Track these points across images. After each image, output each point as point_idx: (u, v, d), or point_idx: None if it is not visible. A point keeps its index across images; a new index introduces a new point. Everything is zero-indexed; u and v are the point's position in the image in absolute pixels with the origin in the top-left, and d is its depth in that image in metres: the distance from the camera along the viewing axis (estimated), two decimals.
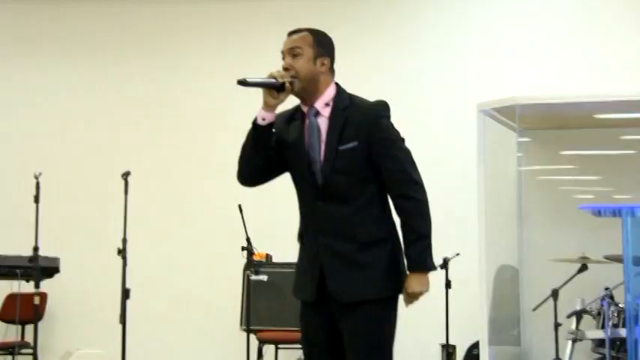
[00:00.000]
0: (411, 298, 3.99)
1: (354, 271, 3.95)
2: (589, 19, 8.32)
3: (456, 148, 8.23)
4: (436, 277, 7.01)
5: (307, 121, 4.02)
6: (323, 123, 4.01)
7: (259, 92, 3.95)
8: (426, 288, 4.01)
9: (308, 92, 4.00)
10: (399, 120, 8.40)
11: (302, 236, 4.13)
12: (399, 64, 8.58)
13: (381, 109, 4.09)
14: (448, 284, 7.20)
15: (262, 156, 4.00)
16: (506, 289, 7.68)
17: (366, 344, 3.95)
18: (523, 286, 7.31)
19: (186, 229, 8.63)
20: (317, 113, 4.01)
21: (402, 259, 4.03)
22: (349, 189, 3.98)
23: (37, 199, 6.90)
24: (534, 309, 6.97)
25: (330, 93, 4.04)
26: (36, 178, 6.89)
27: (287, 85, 3.92)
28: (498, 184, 7.73)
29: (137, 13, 9.10)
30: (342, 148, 3.95)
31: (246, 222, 7.10)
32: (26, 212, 7.03)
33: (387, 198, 4.07)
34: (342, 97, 4.05)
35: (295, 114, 4.08)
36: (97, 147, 8.93)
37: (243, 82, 3.88)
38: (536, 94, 7.52)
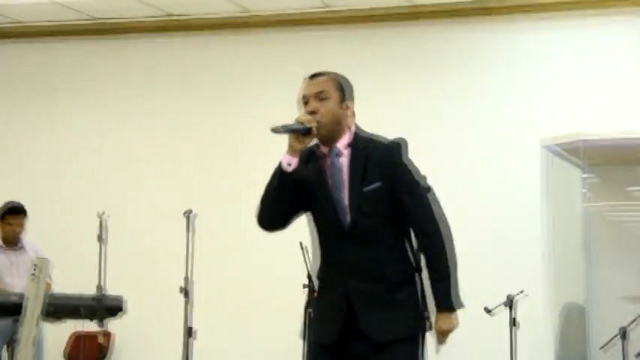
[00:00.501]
0: (441, 337, 3.98)
1: (386, 310, 3.93)
2: None
3: (521, 185, 8.15)
4: (501, 316, 7.01)
5: (329, 161, 3.99)
6: (345, 163, 3.99)
7: None
8: (453, 326, 3.97)
9: (332, 135, 3.97)
10: (463, 157, 8.41)
11: (324, 280, 4.07)
12: (462, 102, 8.54)
13: (399, 148, 4.05)
14: (513, 322, 7.10)
15: (284, 201, 3.96)
16: (573, 327, 7.58)
17: None
18: (591, 325, 7.20)
19: (248, 267, 8.63)
20: (338, 153, 3.99)
21: (426, 294, 4.05)
22: (376, 229, 3.96)
23: (100, 238, 6.95)
24: (602, 347, 6.86)
25: (350, 134, 4.03)
26: (100, 217, 6.95)
27: (313, 129, 3.90)
28: (564, 221, 7.65)
29: (197, 57, 9.19)
30: (366, 189, 3.94)
31: (308, 260, 7.10)
32: (90, 251, 7.08)
33: (410, 234, 4.05)
34: (361, 138, 4.03)
35: (312, 154, 4.03)
36: (160, 186, 8.99)
37: (276, 130, 3.89)
38: (600, 130, 7.44)
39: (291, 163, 3.91)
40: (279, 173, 3.93)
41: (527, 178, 7.95)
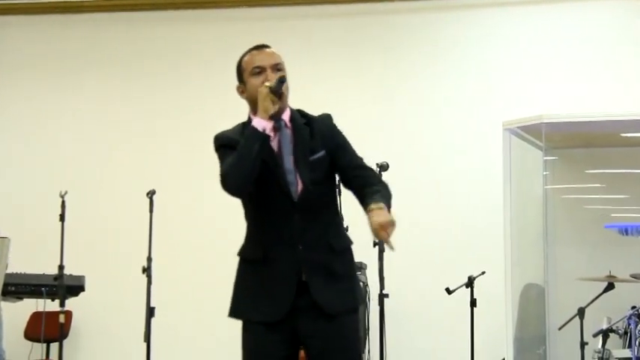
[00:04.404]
0: (381, 231, 3.75)
1: (334, 281, 3.97)
2: (616, 37, 8.29)
3: (482, 166, 8.21)
4: (462, 296, 7.07)
5: (278, 133, 3.99)
6: (289, 135, 4.02)
7: None
8: (390, 218, 3.76)
9: (285, 106, 4.02)
10: (425, 139, 8.43)
11: (265, 255, 4.01)
12: (424, 83, 8.57)
13: (331, 118, 4.14)
14: (473, 303, 7.16)
15: (258, 165, 3.89)
16: (532, 307, 7.64)
17: (349, 355, 4.01)
18: (549, 305, 7.26)
19: (210, 247, 8.62)
20: (285, 125, 4.03)
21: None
22: (321, 199, 4.02)
23: (62, 218, 6.91)
24: (560, 328, 6.93)
25: (288, 108, 4.08)
26: (61, 196, 6.91)
27: (285, 94, 3.96)
28: (524, 203, 7.70)
29: (163, 36, 9.13)
30: (313, 158, 3.98)
31: None
32: (52, 231, 7.04)
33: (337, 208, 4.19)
34: (296, 112, 4.10)
35: (245, 129, 3.99)
36: (122, 166, 8.96)
37: (276, 87, 3.88)
38: (562, 113, 7.49)
39: (266, 127, 3.87)
40: (262, 139, 3.86)
41: (489, 160, 8.00)
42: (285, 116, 4.03)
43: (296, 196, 3.95)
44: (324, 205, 4.04)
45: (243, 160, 3.88)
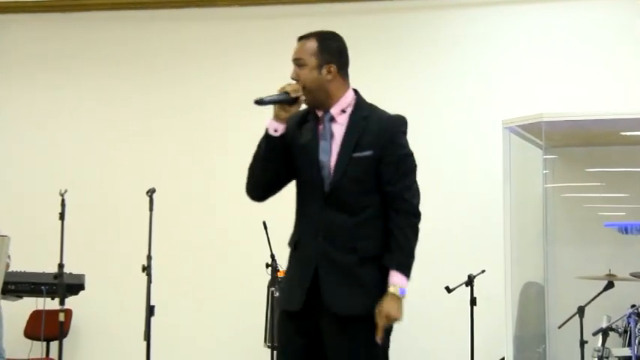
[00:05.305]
0: (384, 320, 3.80)
1: (351, 284, 3.86)
2: (616, 36, 8.29)
3: (482, 165, 8.21)
4: (462, 294, 7.07)
5: (321, 126, 3.97)
6: (338, 129, 3.95)
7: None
8: (399, 316, 3.85)
9: (319, 101, 3.96)
10: (425, 138, 8.42)
11: (296, 243, 4.01)
12: (424, 82, 8.57)
13: (401, 123, 4.05)
14: (473, 301, 7.16)
15: (272, 168, 3.92)
16: (531, 306, 7.64)
17: None
18: (549, 304, 7.26)
19: (210, 246, 8.63)
20: (332, 119, 3.97)
21: None
22: (356, 198, 3.90)
23: (62, 217, 6.90)
24: (560, 326, 6.93)
25: (347, 99, 4.01)
26: (61, 195, 6.90)
27: (300, 98, 3.90)
28: (524, 201, 7.70)
29: (163, 35, 9.13)
30: (355, 155, 3.89)
31: (270, 239, 7.11)
32: (51, 229, 7.04)
33: (386, 215, 3.95)
34: (361, 106, 4.02)
35: (308, 116, 4.01)
36: (122, 164, 8.96)
37: (260, 102, 3.86)
38: (562, 111, 7.49)
39: (277, 129, 3.87)
40: (266, 139, 3.88)
41: (489, 160, 8.00)
42: (336, 109, 3.96)
43: (328, 189, 3.90)
44: (359, 204, 3.90)
45: (253, 164, 3.97)
